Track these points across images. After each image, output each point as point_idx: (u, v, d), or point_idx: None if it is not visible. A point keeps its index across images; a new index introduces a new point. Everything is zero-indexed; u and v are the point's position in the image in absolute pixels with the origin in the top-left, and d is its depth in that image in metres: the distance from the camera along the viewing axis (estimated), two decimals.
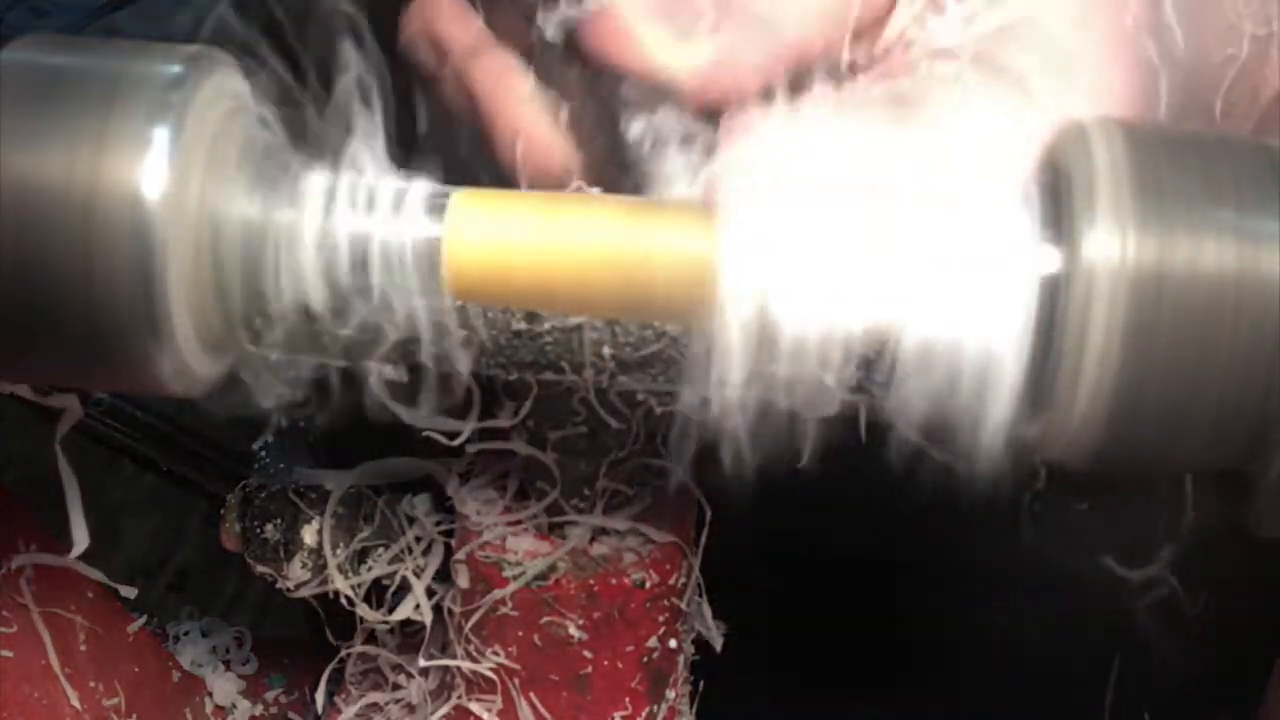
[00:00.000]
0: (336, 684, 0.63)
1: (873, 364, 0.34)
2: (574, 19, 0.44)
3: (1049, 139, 0.35)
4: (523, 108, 0.44)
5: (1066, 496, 0.71)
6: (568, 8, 0.45)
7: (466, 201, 0.34)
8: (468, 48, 0.47)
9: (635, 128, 0.42)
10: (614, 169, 0.44)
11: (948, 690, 0.77)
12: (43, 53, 0.34)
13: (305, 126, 0.36)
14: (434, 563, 0.55)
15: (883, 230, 0.34)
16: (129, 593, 0.63)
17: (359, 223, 0.34)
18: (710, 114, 0.42)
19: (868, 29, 0.43)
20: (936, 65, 0.40)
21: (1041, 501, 0.71)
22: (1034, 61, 0.40)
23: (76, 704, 0.60)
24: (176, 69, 0.33)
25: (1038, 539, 0.71)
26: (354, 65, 0.37)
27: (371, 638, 0.60)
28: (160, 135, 0.32)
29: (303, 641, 0.76)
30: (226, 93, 0.34)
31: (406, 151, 0.38)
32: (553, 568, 0.50)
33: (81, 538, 0.53)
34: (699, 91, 0.41)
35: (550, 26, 0.45)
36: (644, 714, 0.53)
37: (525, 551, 0.50)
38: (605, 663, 0.51)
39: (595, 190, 0.40)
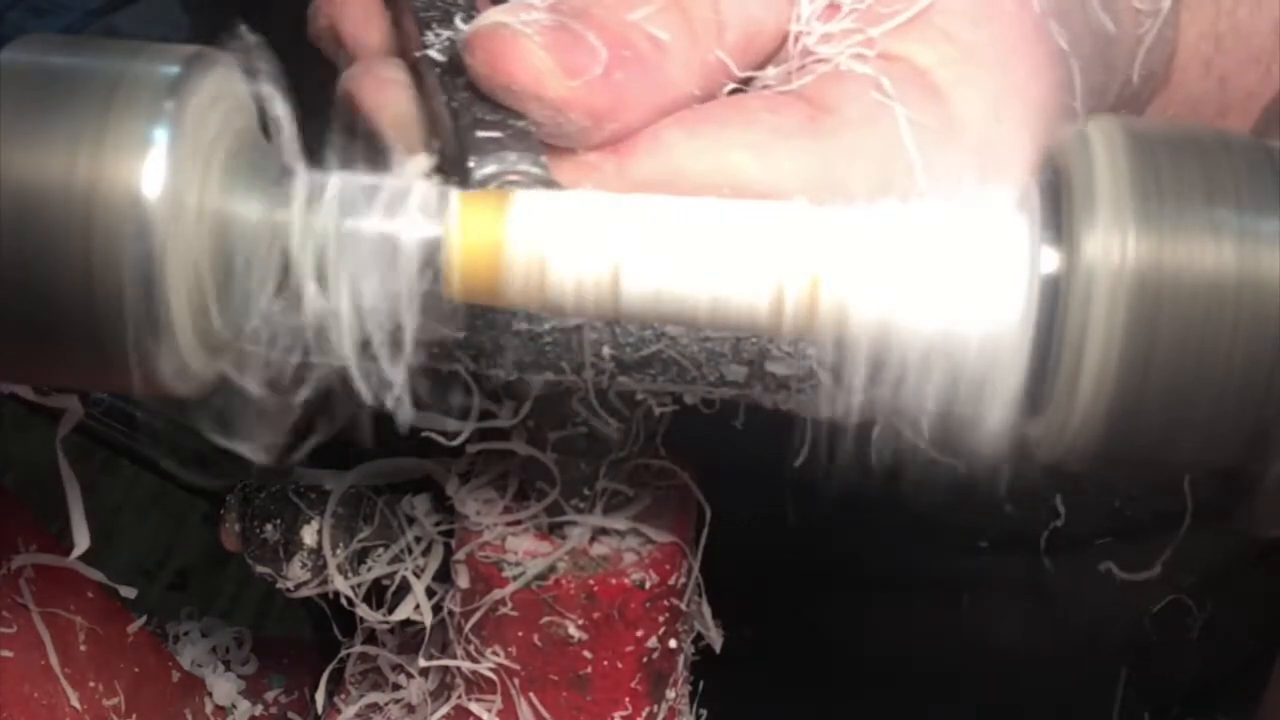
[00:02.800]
0: (336, 684, 0.63)
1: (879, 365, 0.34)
2: (463, 35, 0.40)
3: (1049, 139, 0.35)
4: (398, 132, 0.41)
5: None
6: (462, 24, 0.41)
7: (467, 201, 0.34)
8: (368, 55, 0.45)
9: (488, 168, 0.37)
10: None
11: (947, 699, 0.77)
12: (43, 53, 0.34)
13: (306, 126, 0.36)
14: (434, 563, 0.55)
15: (882, 230, 0.34)
16: (129, 593, 0.63)
17: (359, 223, 0.34)
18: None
19: (769, 53, 0.41)
20: (843, 67, 0.39)
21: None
22: (933, 58, 0.40)
23: (76, 704, 0.60)
24: (176, 69, 0.33)
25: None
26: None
27: (371, 638, 0.60)
28: (160, 135, 0.32)
29: (303, 641, 0.76)
30: (226, 92, 0.34)
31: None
32: (553, 568, 0.50)
33: (82, 538, 0.53)
34: (589, 131, 0.38)
35: (438, 43, 0.41)
36: (644, 714, 0.53)
37: (525, 551, 0.50)
38: (605, 663, 0.51)
39: None
